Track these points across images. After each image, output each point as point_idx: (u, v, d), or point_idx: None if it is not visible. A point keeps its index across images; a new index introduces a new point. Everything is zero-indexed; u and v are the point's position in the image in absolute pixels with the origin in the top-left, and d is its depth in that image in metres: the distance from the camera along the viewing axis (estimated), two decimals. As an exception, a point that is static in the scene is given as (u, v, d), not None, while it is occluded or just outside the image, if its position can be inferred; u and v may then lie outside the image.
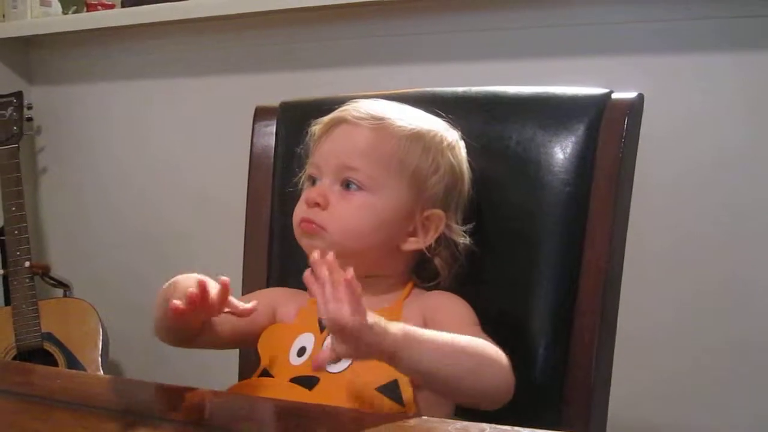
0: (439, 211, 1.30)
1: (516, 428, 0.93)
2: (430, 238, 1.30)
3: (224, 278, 1.14)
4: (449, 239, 1.31)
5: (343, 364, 1.21)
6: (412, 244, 1.30)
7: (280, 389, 1.23)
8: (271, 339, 1.33)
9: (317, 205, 1.27)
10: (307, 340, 1.28)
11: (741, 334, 2.07)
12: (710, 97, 2.08)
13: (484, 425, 0.95)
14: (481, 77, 2.29)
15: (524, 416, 1.15)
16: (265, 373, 1.28)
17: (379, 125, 1.28)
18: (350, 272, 1.01)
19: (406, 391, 1.17)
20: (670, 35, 2.11)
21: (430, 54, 2.42)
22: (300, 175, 1.36)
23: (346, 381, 1.20)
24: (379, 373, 1.18)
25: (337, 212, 1.26)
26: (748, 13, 2.01)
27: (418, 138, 1.29)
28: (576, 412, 1.31)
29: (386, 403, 1.17)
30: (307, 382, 1.22)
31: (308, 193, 1.29)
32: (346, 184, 1.27)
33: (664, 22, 2.11)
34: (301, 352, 1.27)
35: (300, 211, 1.29)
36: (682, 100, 2.10)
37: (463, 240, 1.31)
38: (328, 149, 1.30)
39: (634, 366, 1.84)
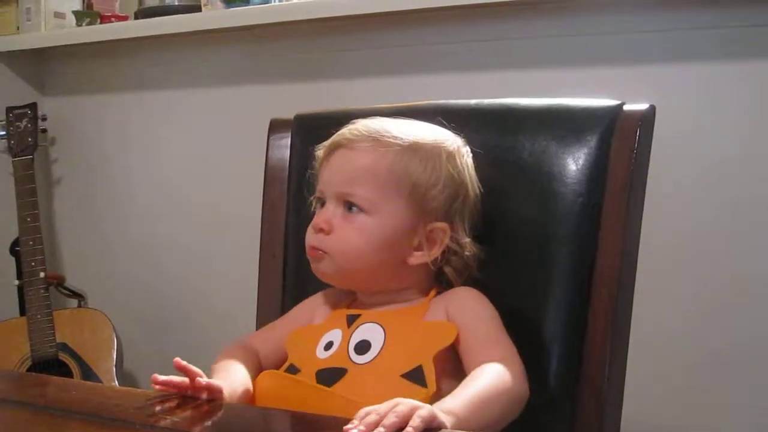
0: (442, 224, 1.31)
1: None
2: (436, 252, 1.31)
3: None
4: (456, 249, 1.32)
5: (371, 355, 1.24)
6: (419, 258, 1.31)
7: (304, 388, 1.24)
8: (298, 338, 1.36)
9: (322, 230, 1.30)
10: (334, 335, 1.30)
11: (753, 336, 2.07)
12: (716, 105, 2.08)
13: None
14: (492, 87, 2.30)
15: (538, 424, 1.16)
16: (291, 368, 1.30)
17: (373, 146, 1.30)
18: None
19: (430, 376, 1.19)
20: (676, 45, 2.11)
21: (444, 64, 2.42)
22: (311, 199, 1.38)
23: (372, 371, 1.23)
24: (405, 359, 1.22)
25: (338, 236, 1.29)
26: (753, 22, 2.02)
27: (413, 153, 1.30)
28: (589, 422, 1.31)
29: (411, 389, 1.18)
30: (335, 373, 1.24)
31: (314, 219, 1.32)
32: (348, 207, 1.29)
33: (670, 31, 2.12)
34: (328, 346, 1.29)
35: (308, 236, 1.33)
36: (688, 108, 2.10)
37: (470, 251, 1.32)
38: (328, 175, 1.33)
39: (646, 371, 1.84)
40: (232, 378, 1.26)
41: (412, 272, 1.32)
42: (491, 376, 1.16)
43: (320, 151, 1.36)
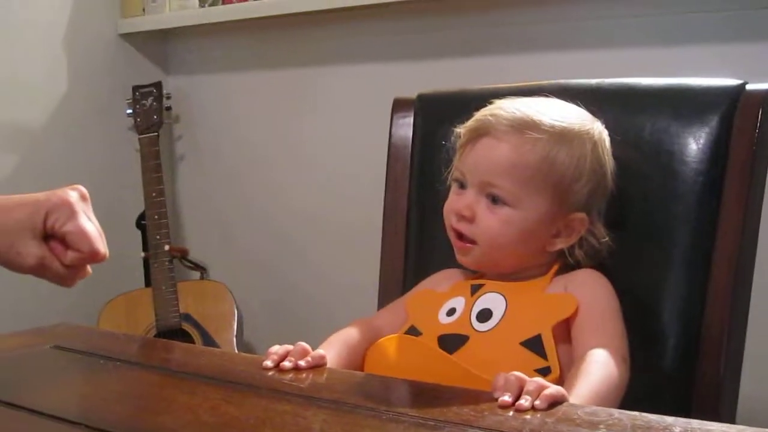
0: (582, 215, 1.32)
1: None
2: (573, 239, 1.33)
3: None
4: (590, 238, 1.34)
5: (492, 323, 1.27)
6: (557, 245, 1.33)
7: (426, 352, 1.27)
8: (420, 301, 1.39)
9: (464, 217, 1.32)
10: (457, 302, 1.33)
11: None
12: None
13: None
14: (611, 66, 2.28)
15: (655, 401, 1.16)
16: (413, 330, 1.33)
17: (521, 137, 1.30)
18: None
19: (549, 345, 1.22)
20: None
21: (559, 43, 2.41)
22: (447, 172, 1.40)
23: (493, 338, 1.25)
24: (524, 327, 1.24)
25: (484, 226, 1.31)
26: None
27: (561, 144, 1.30)
28: (706, 399, 1.31)
29: (530, 357, 1.21)
30: (457, 340, 1.27)
31: (456, 203, 1.33)
32: (492, 198, 1.31)
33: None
34: (451, 312, 1.32)
35: (451, 217, 1.34)
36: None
37: (605, 239, 1.33)
38: (471, 162, 1.33)
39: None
40: (338, 348, 1.31)
41: (545, 255, 1.35)
42: (600, 372, 1.16)
43: (462, 131, 1.36)
